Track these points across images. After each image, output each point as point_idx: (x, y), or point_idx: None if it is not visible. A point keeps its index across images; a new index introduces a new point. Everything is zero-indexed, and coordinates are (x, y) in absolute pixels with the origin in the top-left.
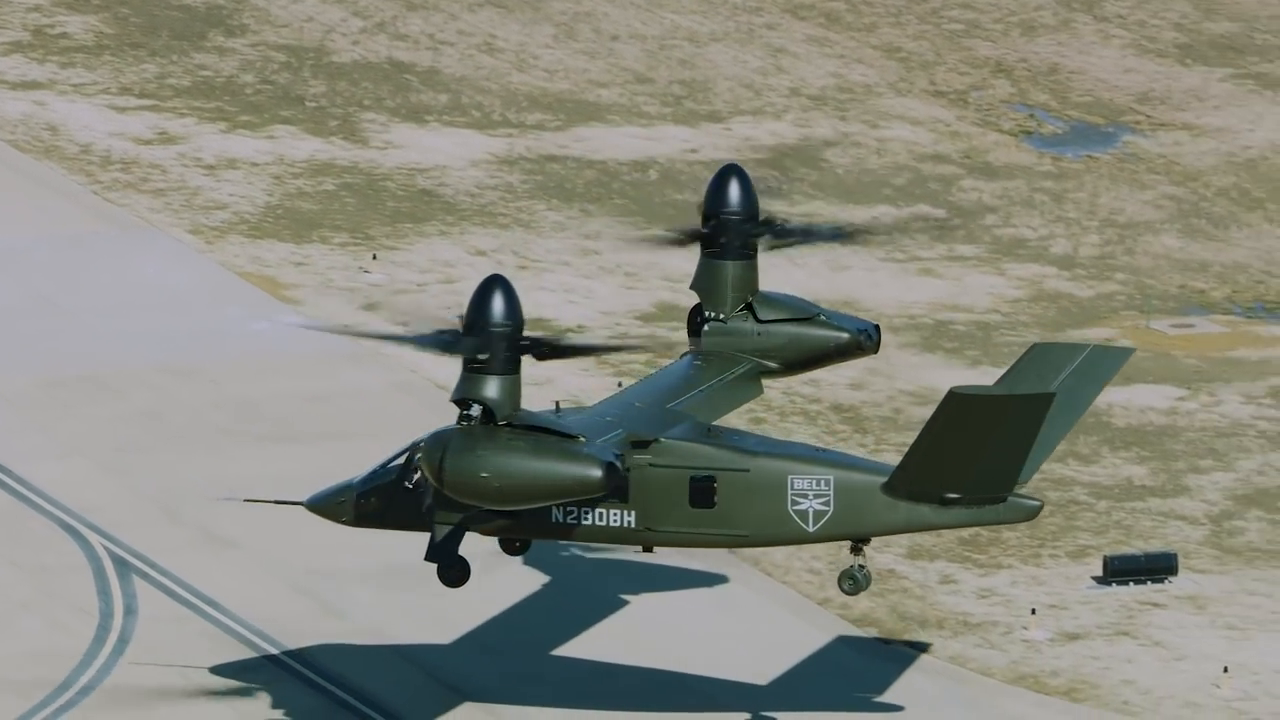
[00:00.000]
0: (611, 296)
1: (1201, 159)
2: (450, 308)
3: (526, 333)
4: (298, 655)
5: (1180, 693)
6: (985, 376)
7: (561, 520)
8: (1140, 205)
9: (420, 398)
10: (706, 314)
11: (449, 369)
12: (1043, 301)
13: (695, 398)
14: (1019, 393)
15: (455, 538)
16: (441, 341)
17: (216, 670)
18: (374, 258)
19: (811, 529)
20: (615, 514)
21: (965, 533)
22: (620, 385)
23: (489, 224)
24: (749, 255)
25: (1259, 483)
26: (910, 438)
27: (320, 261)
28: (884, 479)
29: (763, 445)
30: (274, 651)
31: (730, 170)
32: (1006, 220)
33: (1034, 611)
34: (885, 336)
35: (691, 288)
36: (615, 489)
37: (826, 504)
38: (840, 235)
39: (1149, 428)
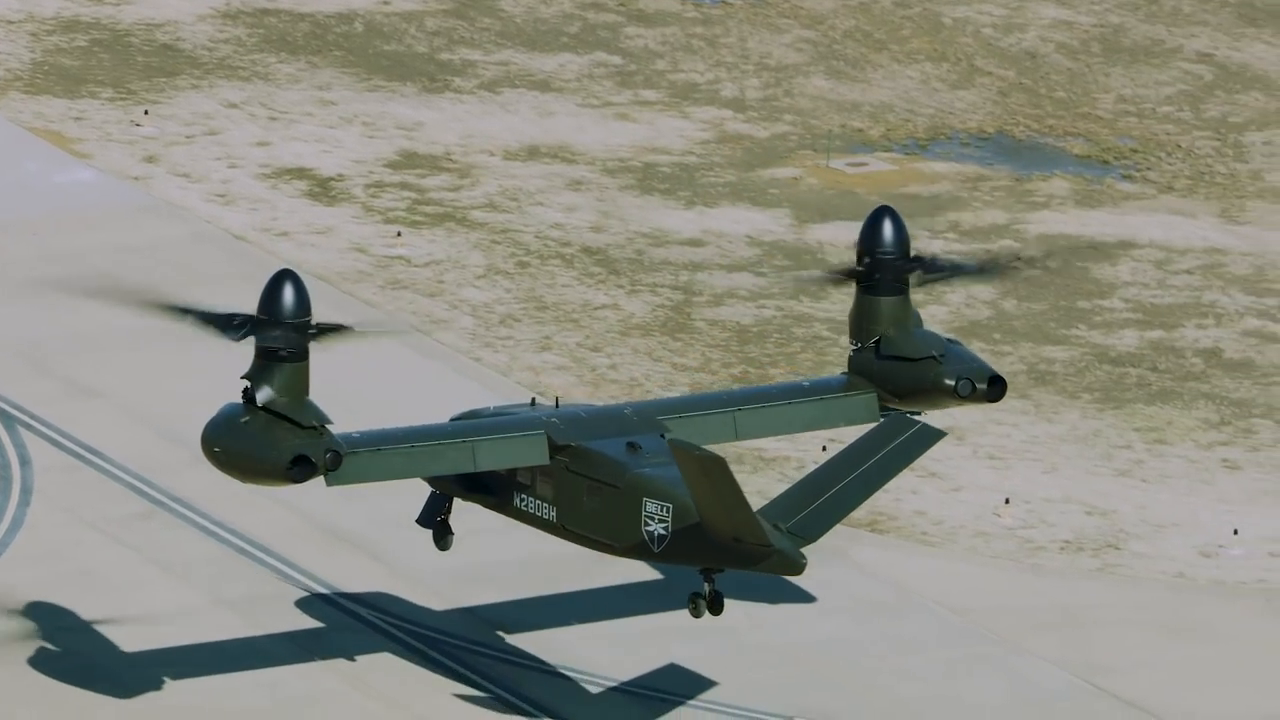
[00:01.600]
0: (358, 145)
1: (821, 2)
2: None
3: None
4: (184, 502)
5: (969, 523)
6: (702, 218)
7: (510, 502)
8: (783, 49)
9: (221, 246)
10: (853, 343)
11: (244, 219)
12: (728, 143)
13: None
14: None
15: (432, 504)
16: (230, 328)
17: (116, 518)
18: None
19: (656, 550)
20: (543, 506)
21: (737, 369)
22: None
23: (232, 77)
24: (901, 290)
25: (970, 314)
26: (657, 277)
27: (96, 116)
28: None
29: (648, 464)
30: (165, 499)
31: (883, 211)
32: (675, 66)
33: (825, 448)
34: (605, 179)
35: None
36: (303, 477)
37: (666, 529)
38: (989, 270)
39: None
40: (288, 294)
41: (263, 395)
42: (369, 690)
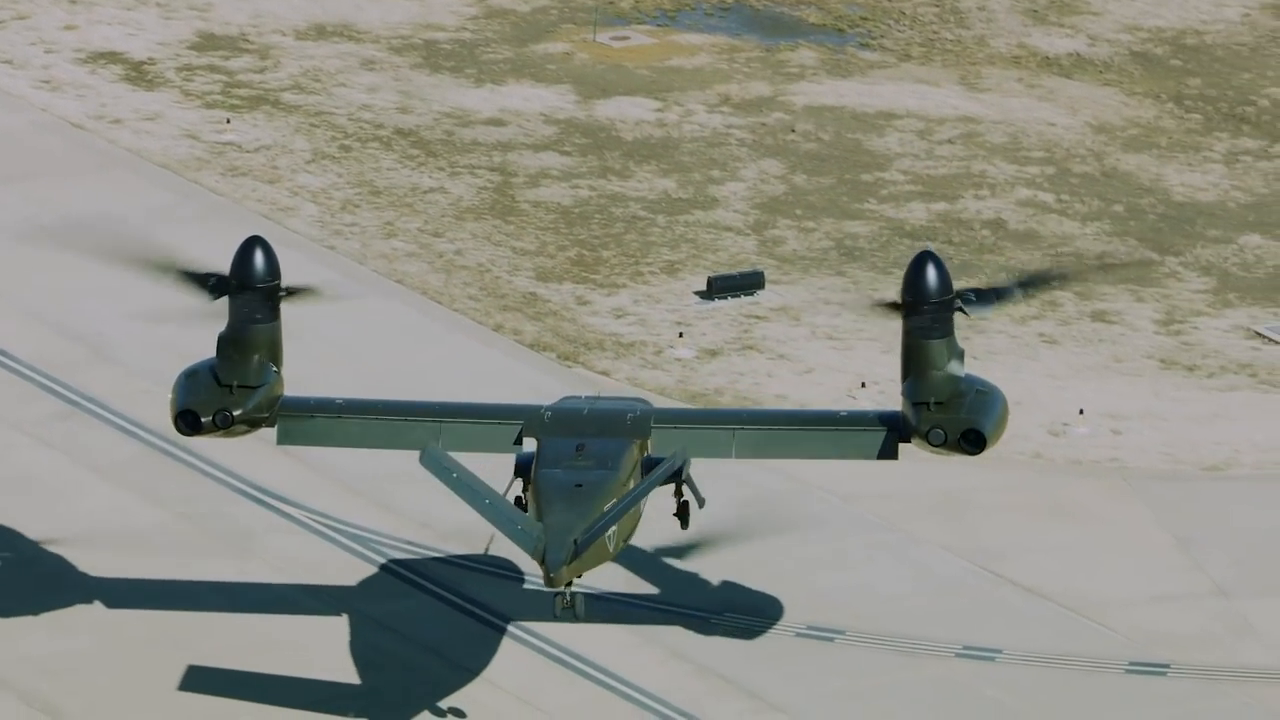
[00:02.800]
0: (158, 27)
1: None
2: None
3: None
4: (98, 401)
5: (828, 403)
6: (495, 96)
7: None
8: None
9: (63, 135)
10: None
11: (76, 107)
12: (497, 18)
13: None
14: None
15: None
16: (206, 288)
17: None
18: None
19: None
20: (529, 500)
21: (573, 253)
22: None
23: None
24: (938, 334)
25: (768, 190)
26: (471, 159)
27: None
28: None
29: (567, 470)
30: (78, 399)
31: (925, 257)
32: None
33: (681, 334)
34: (395, 58)
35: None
36: (188, 430)
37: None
38: (1030, 287)
39: (651, 141)
40: (258, 259)
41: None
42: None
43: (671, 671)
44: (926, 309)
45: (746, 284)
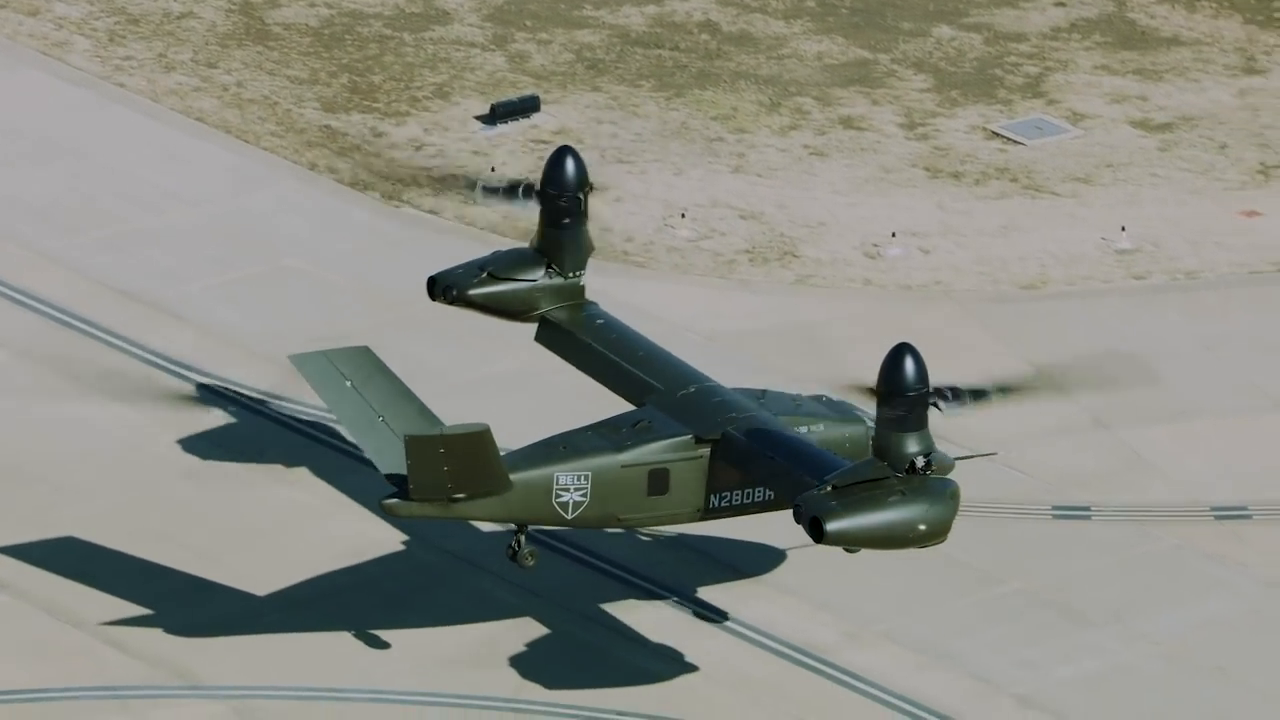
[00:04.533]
0: None
1: None
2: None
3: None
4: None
5: (655, 238)
6: None
7: None
8: None
9: None
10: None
11: None
12: None
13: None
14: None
15: None
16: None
17: None
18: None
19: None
20: None
21: (344, 79)
22: None
23: None
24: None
25: (492, 2)
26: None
27: None
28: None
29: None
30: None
31: (903, 349)
32: None
33: (494, 169)
34: None
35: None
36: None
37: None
38: (1008, 392)
39: None
40: (572, 165)
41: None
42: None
43: None
44: (900, 401)
45: (525, 108)
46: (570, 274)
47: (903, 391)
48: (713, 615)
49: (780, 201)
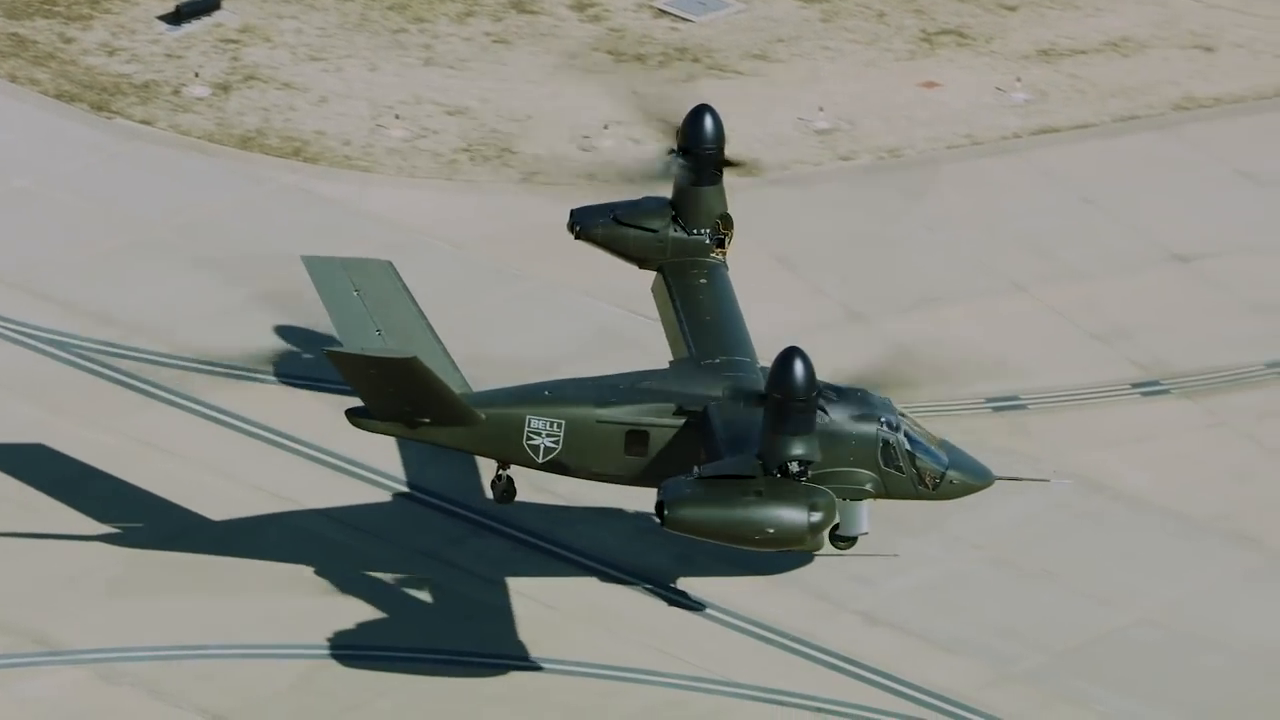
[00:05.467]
0: None
1: None
2: None
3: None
4: None
5: (369, 139)
6: None
7: None
8: None
9: None
10: None
11: None
12: None
13: None
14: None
15: None
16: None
17: None
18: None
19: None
20: None
21: None
22: None
23: None
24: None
25: None
26: None
27: None
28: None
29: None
30: None
31: (792, 353)
32: None
33: (197, 74)
34: None
35: None
36: None
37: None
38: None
39: None
40: (710, 123)
41: None
42: None
43: None
44: (783, 405)
45: (208, 6)
46: (694, 230)
47: (788, 396)
48: (543, 544)
49: (482, 95)
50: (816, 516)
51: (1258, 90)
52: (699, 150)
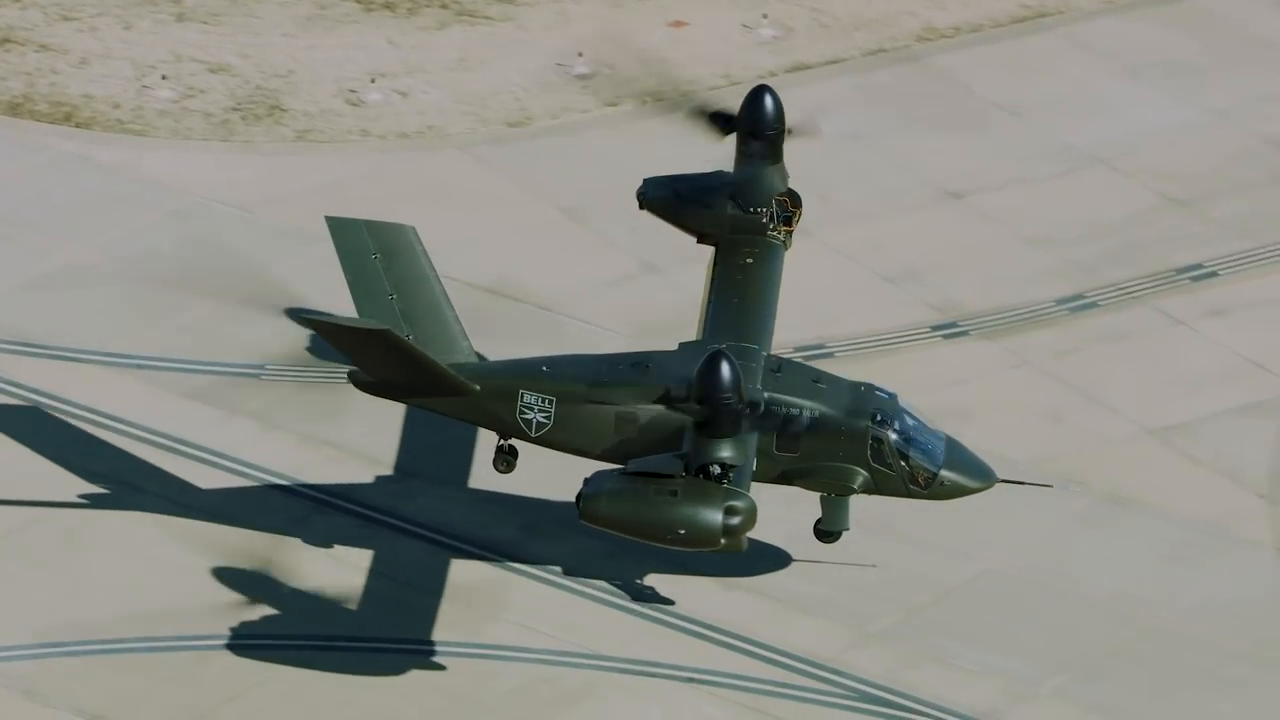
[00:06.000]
0: None
1: None
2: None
3: None
4: None
5: (132, 99)
6: None
7: None
8: None
9: None
10: None
11: None
12: None
13: None
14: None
15: None
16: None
17: None
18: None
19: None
20: None
21: None
22: None
23: None
24: (731, 434)
25: None
26: None
27: None
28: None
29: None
30: None
31: (718, 357)
32: None
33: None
34: None
35: None
36: None
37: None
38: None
39: None
40: (770, 103)
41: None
42: None
43: None
44: (709, 407)
45: None
46: (751, 209)
47: (713, 398)
48: (388, 519)
49: (241, 51)
50: (733, 520)
51: (992, 18)
52: (758, 130)
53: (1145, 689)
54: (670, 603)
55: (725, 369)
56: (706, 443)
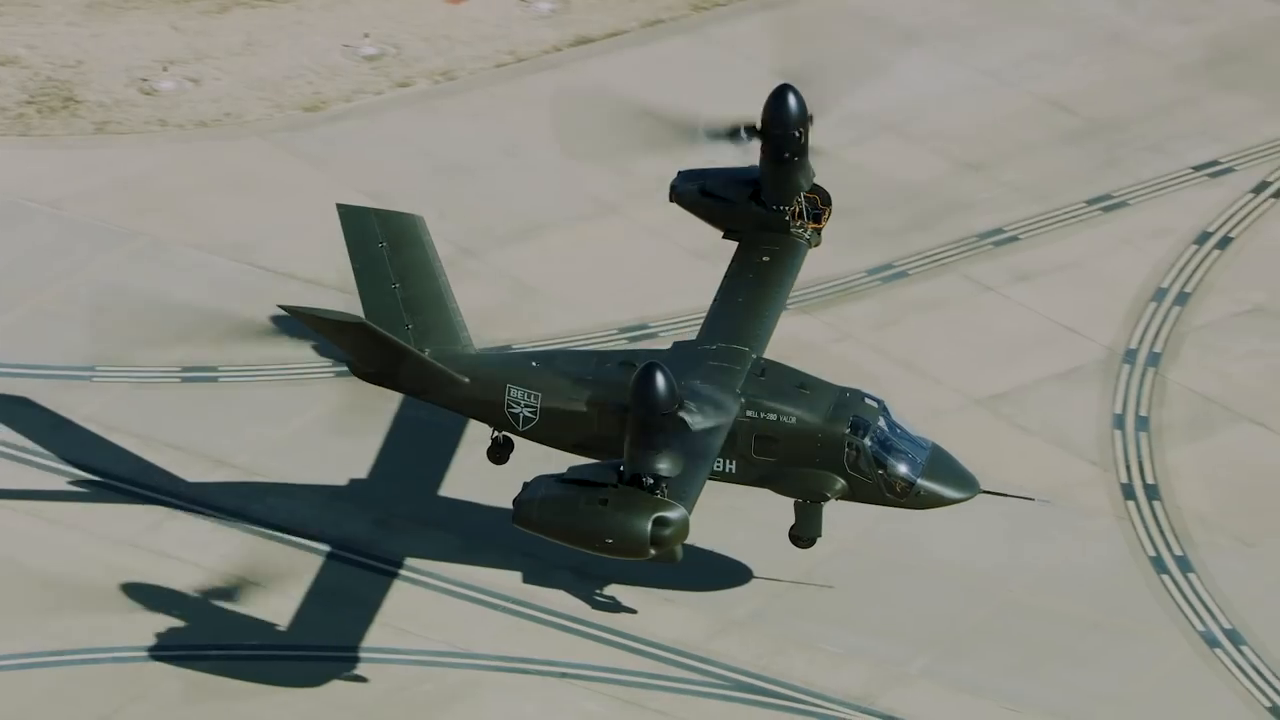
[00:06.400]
0: None
1: None
2: None
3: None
4: None
5: None
6: None
7: None
8: None
9: None
10: None
11: None
12: None
13: None
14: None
15: None
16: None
17: None
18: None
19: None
20: None
21: None
22: None
23: None
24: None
25: None
26: None
27: None
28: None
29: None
30: None
31: (652, 368)
32: None
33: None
34: None
35: None
36: None
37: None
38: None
39: None
40: (793, 102)
41: None
42: None
43: None
44: (644, 419)
45: None
46: (775, 206)
47: (640, 410)
48: (240, 521)
49: (27, 41)
50: (663, 531)
51: None
52: (778, 130)
53: (1009, 665)
54: (532, 599)
55: (658, 382)
56: (638, 452)
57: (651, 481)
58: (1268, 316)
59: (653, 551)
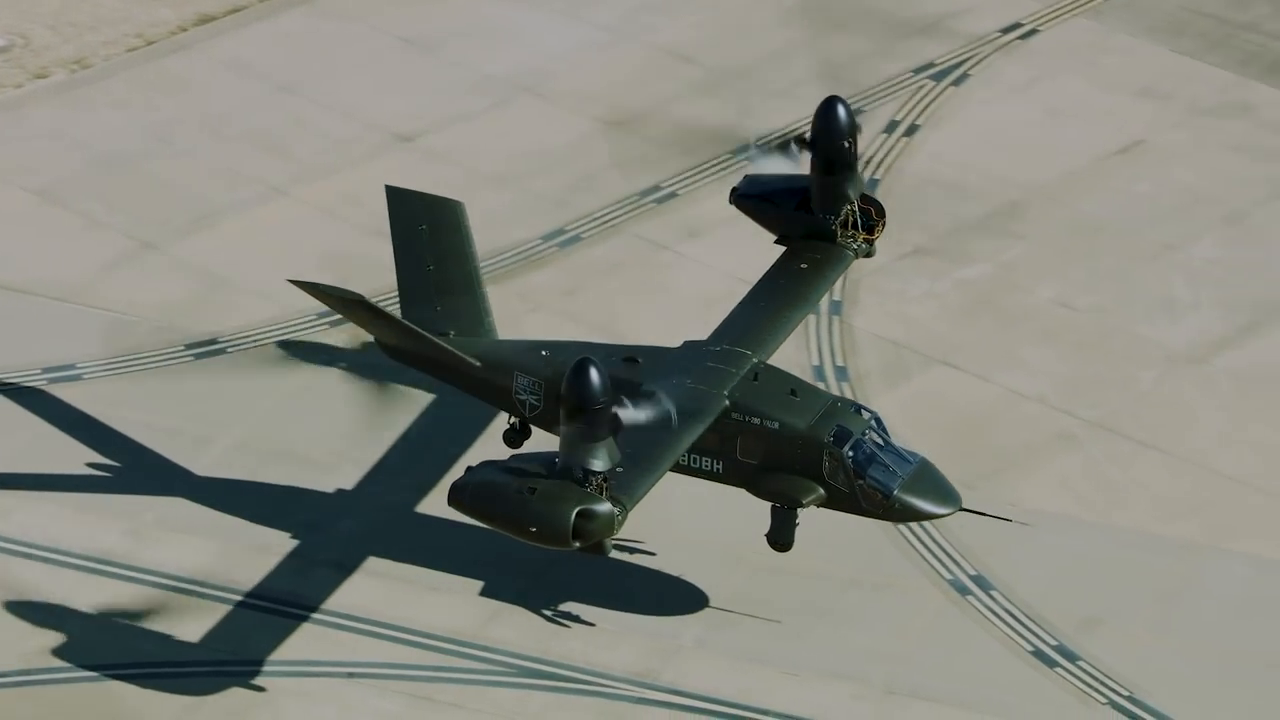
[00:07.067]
0: None
1: None
2: None
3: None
4: None
5: None
6: None
7: None
8: None
9: None
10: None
11: None
12: None
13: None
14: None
15: None
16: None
17: None
18: None
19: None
20: None
21: None
22: None
23: None
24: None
25: None
26: None
27: None
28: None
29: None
30: None
31: (585, 363)
32: None
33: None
34: None
35: None
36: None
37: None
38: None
39: None
40: (841, 114)
41: None
42: None
43: None
44: (577, 414)
45: None
46: (821, 214)
47: (580, 405)
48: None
49: None
50: (588, 524)
51: None
52: (826, 141)
53: (779, 630)
54: (298, 597)
55: (591, 376)
56: (570, 444)
57: (583, 474)
58: (929, 256)
59: (577, 544)
